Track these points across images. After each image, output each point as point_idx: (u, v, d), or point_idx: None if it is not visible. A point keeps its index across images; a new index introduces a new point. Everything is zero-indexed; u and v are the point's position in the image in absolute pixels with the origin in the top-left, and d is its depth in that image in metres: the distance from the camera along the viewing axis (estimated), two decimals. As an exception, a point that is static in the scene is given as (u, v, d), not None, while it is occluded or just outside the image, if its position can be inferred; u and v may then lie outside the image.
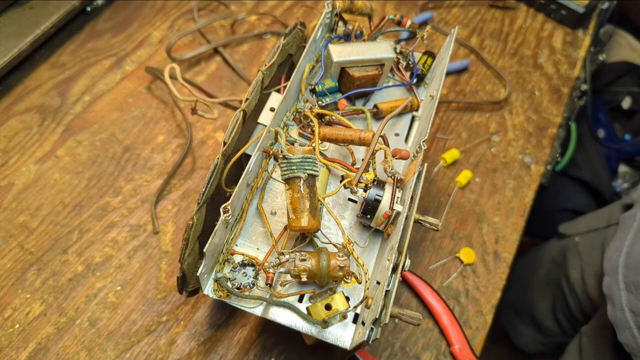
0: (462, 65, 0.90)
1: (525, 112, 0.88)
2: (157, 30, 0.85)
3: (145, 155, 0.73)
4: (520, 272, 0.95)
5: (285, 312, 0.47)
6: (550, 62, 0.95)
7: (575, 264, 0.87)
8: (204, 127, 0.77)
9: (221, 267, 0.48)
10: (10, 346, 0.57)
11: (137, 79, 0.80)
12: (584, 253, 0.87)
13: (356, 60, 0.59)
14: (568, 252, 0.90)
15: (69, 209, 0.67)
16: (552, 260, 0.95)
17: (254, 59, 0.85)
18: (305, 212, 0.45)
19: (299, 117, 0.58)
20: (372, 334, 0.42)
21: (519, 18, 1.00)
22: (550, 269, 0.95)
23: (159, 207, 0.68)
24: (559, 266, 0.92)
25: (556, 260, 0.94)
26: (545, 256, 0.98)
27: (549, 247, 0.99)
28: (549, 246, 0.99)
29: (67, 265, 0.63)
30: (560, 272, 0.91)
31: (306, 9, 0.93)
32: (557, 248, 0.95)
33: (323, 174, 0.54)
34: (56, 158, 0.70)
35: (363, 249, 0.53)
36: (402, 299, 0.67)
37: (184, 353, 0.59)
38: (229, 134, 0.47)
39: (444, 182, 0.77)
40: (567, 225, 0.97)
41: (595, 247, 0.84)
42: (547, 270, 0.95)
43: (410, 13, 0.96)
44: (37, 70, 0.78)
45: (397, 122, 0.62)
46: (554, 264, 0.94)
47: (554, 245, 0.97)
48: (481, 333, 0.66)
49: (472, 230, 0.74)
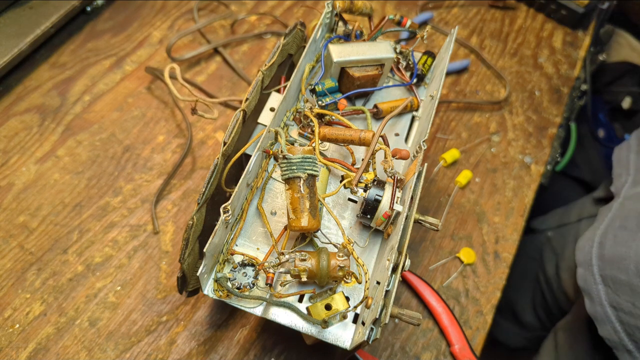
0: (462, 65, 0.90)
1: (525, 112, 0.88)
2: (157, 30, 0.85)
3: (145, 155, 0.73)
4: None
5: (285, 312, 0.47)
6: (550, 62, 0.95)
7: (550, 259, 0.88)
8: (204, 127, 0.77)
9: (221, 267, 0.48)
10: (10, 346, 0.57)
11: (137, 79, 0.80)
12: (557, 247, 0.87)
13: (356, 60, 0.59)
14: (543, 247, 0.91)
15: (69, 209, 0.67)
16: (528, 256, 0.95)
17: (254, 59, 0.85)
18: (305, 212, 0.45)
19: (299, 117, 0.57)
20: (372, 334, 0.42)
21: (519, 18, 1.00)
22: (527, 265, 0.95)
23: (159, 207, 0.68)
24: (535, 261, 0.93)
25: (532, 255, 0.94)
26: (521, 252, 0.99)
27: (524, 243, 1.00)
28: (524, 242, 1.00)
29: (67, 265, 0.63)
30: (537, 267, 0.92)
31: (306, 9, 0.93)
32: (531, 244, 0.96)
33: (323, 174, 0.54)
34: (56, 158, 0.70)
35: (363, 249, 0.53)
36: (402, 299, 0.67)
37: (184, 353, 0.59)
38: (229, 134, 0.47)
39: (444, 182, 0.77)
40: (539, 220, 0.98)
41: (568, 241, 0.85)
42: (524, 266, 0.95)
43: (410, 13, 0.96)
44: (37, 70, 0.78)
45: (397, 122, 0.62)
46: (530, 259, 0.95)
47: (528, 240, 0.97)
48: (481, 333, 0.66)
49: (472, 230, 0.74)
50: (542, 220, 0.96)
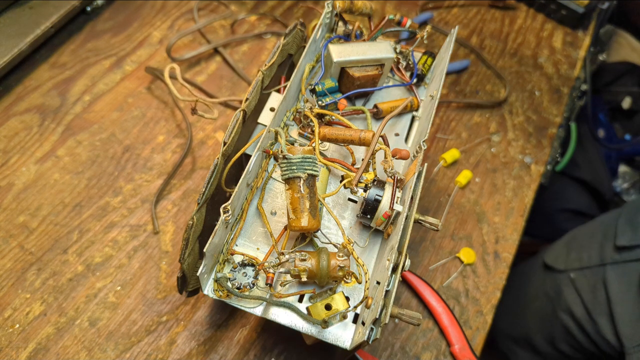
0: (462, 65, 0.90)
1: (525, 112, 0.88)
2: (157, 30, 0.85)
3: (145, 155, 0.73)
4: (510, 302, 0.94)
5: (285, 312, 0.47)
6: (550, 62, 0.95)
7: (576, 301, 0.86)
8: (204, 127, 0.77)
9: (221, 267, 0.48)
10: (10, 346, 0.57)
11: (137, 79, 0.80)
12: (582, 290, 0.85)
13: (356, 60, 0.59)
14: (564, 287, 0.89)
15: (69, 209, 0.67)
16: (545, 294, 0.94)
17: (254, 59, 0.85)
18: (305, 212, 0.45)
19: (299, 117, 0.57)
20: (372, 334, 0.42)
21: (519, 18, 1.00)
22: (543, 303, 0.93)
23: (159, 207, 0.68)
24: (553, 300, 0.91)
25: (549, 294, 0.92)
26: (537, 289, 0.97)
27: (539, 280, 0.97)
28: (539, 279, 0.97)
29: (67, 265, 0.63)
30: (556, 306, 0.90)
31: (306, 9, 0.93)
32: (549, 282, 0.94)
33: (323, 174, 0.54)
34: (56, 158, 0.70)
35: (363, 249, 0.53)
36: (402, 299, 0.67)
37: (184, 353, 0.59)
38: (229, 134, 0.47)
39: (444, 182, 0.77)
40: (554, 256, 0.95)
41: (597, 287, 0.83)
42: (540, 304, 0.94)
43: (410, 13, 0.96)
44: (37, 70, 0.78)
45: (397, 122, 0.62)
46: (547, 297, 0.93)
47: (545, 279, 0.96)
48: (481, 333, 0.66)
49: (472, 230, 0.74)
50: (559, 258, 0.93)
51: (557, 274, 0.92)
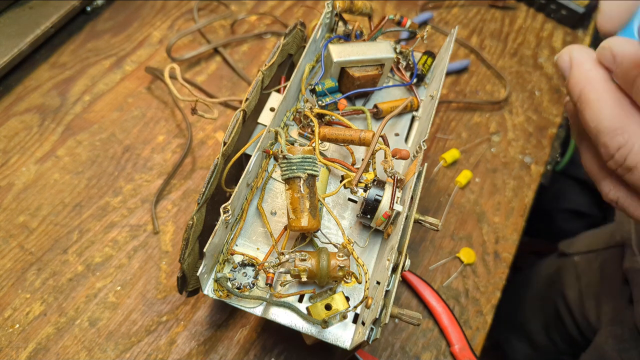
0: (462, 65, 0.90)
1: (525, 112, 0.87)
2: (157, 30, 0.85)
3: (145, 155, 0.73)
4: (516, 287, 0.94)
5: (285, 312, 0.47)
6: (550, 62, 0.95)
7: (573, 284, 0.85)
8: (204, 127, 0.77)
9: (221, 267, 0.48)
10: (10, 346, 0.57)
11: (137, 79, 0.80)
12: (582, 274, 0.85)
13: (356, 60, 0.59)
14: (565, 271, 0.89)
15: (69, 209, 0.67)
16: (548, 277, 0.93)
17: (254, 59, 0.85)
18: (305, 212, 0.45)
19: (299, 117, 0.57)
20: (372, 334, 0.42)
21: (519, 18, 1.00)
22: (545, 286, 0.93)
23: (159, 207, 0.68)
24: (553, 284, 0.91)
25: (552, 277, 0.92)
26: (542, 273, 0.97)
27: (546, 264, 0.97)
28: (547, 263, 0.98)
29: (67, 265, 0.63)
30: (555, 290, 0.90)
31: (306, 9, 0.93)
32: (554, 265, 0.94)
33: (323, 174, 0.54)
34: (56, 158, 0.70)
35: (363, 249, 0.53)
36: (402, 299, 0.67)
37: (184, 353, 0.59)
38: (229, 134, 0.47)
39: (444, 182, 0.77)
40: (567, 242, 0.95)
41: (593, 268, 0.83)
42: (542, 287, 0.94)
43: (410, 13, 0.96)
44: (37, 70, 0.78)
45: (397, 122, 0.62)
46: (549, 280, 0.93)
47: (551, 262, 0.96)
48: (481, 333, 0.66)
49: (472, 230, 0.74)
50: (571, 243, 0.93)
51: (564, 258, 0.92)
